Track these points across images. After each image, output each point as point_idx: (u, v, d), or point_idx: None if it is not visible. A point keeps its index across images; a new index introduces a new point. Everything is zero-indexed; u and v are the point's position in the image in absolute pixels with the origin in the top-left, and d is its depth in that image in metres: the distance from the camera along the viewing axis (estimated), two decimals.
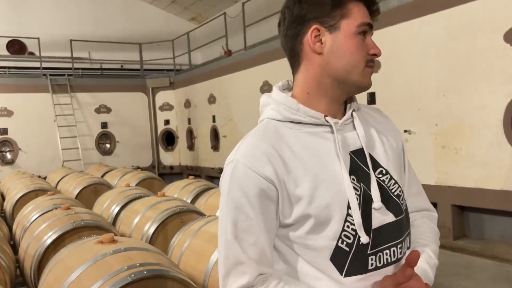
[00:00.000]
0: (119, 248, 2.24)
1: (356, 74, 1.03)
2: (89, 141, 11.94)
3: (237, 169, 0.98)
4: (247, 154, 0.99)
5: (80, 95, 11.90)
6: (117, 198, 4.74)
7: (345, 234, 0.98)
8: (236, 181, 0.97)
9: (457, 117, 5.50)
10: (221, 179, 1.03)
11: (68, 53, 12.23)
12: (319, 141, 1.03)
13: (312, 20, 1.03)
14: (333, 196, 0.98)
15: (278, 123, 1.06)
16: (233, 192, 0.98)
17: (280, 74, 8.36)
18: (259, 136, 1.03)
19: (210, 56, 12.39)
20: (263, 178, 0.96)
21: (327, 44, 1.03)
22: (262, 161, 0.97)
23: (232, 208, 0.97)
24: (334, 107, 1.08)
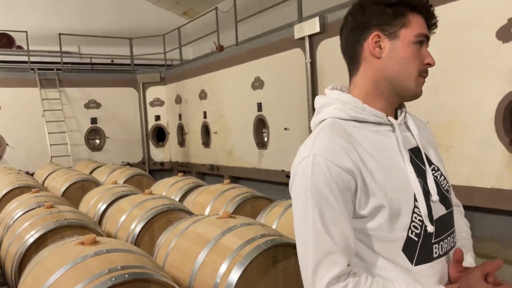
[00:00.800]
0: (101, 249, 2.16)
1: (409, 80, 1.14)
2: (78, 136, 11.78)
3: (318, 163, 1.03)
4: (325, 148, 1.04)
5: (69, 90, 11.72)
6: (103, 196, 4.65)
7: (413, 225, 1.07)
8: (318, 174, 1.02)
9: (449, 114, 5.46)
10: (296, 174, 1.06)
11: (57, 47, 12.04)
12: (382, 139, 1.12)
13: (373, 27, 1.13)
14: (402, 189, 1.08)
15: (343, 122, 1.12)
16: (316, 185, 1.01)
17: (272, 70, 8.32)
18: (331, 132, 1.09)
19: (202, 51, 12.28)
20: (344, 170, 1.02)
21: (385, 50, 1.13)
22: (341, 154, 1.03)
23: (317, 201, 1.01)
24: (389, 109, 1.17)
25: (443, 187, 1.19)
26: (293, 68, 7.70)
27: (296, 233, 1.06)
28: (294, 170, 1.08)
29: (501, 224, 5.18)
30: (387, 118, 1.14)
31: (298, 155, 1.08)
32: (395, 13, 1.12)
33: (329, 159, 1.02)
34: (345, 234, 1.02)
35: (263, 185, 8.81)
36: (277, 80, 8.25)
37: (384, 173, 1.06)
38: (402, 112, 1.21)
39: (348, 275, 1.01)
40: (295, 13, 7.92)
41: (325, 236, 1.01)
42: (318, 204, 1.01)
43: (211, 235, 2.49)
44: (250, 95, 9.02)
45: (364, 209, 1.04)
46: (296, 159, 1.08)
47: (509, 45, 4.75)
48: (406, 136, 1.17)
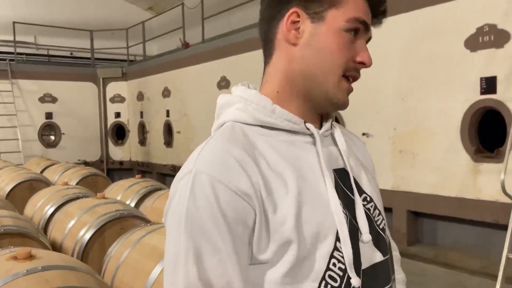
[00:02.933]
0: (36, 267, 1.87)
1: (328, 81, 0.81)
2: (31, 132, 11.12)
3: (200, 183, 0.70)
4: (214, 161, 0.72)
5: (22, 82, 11.05)
6: (52, 198, 4.28)
7: (330, 275, 0.74)
8: (199, 198, 0.70)
9: (415, 121, 5.43)
10: (173, 198, 0.74)
11: (10, 36, 11.32)
12: (298, 152, 0.80)
13: (293, 2, 0.81)
14: (319, 223, 0.74)
15: (246, 127, 0.80)
16: (195, 215, 0.69)
17: (239, 69, 8.10)
18: (226, 139, 0.76)
19: (166, 47, 11.89)
20: (238, 194, 0.70)
21: (304, 34, 0.81)
22: (235, 170, 0.71)
23: (194, 238, 0.69)
24: (309, 114, 0.84)
25: (378, 225, 0.85)
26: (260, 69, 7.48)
27: (164, 282, 0.73)
28: (172, 191, 0.75)
29: (464, 233, 5.19)
30: (305, 125, 0.82)
31: (179, 172, 0.76)
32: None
33: (216, 178, 0.70)
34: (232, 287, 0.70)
35: None
36: (244, 80, 7.94)
37: (296, 199, 0.73)
38: (328, 120, 0.88)
39: None
40: None
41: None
42: (195, 244, 0.69)
43: None
44: (216, 94, 8.65)
45: (264, 251, 0.71)
46: (176, 177, 0.76)
47: (477, 54, 4.75)
48: (331, 151, 0.85)
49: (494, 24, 4.58)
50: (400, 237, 5.56)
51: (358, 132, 6.04)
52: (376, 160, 4.32)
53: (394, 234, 5.65)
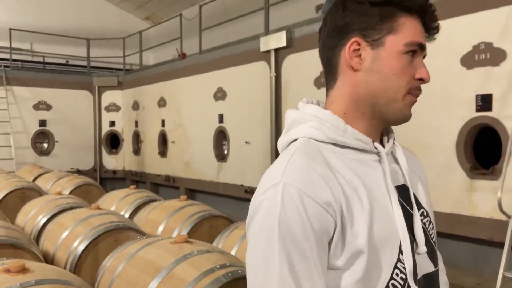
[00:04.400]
0: (29, 280, 1.82)
1: (396, 100, 0.90)
2: (24, 139, 11.01)
3: (289, 195, 0.78)
4: (301, 176, 0.80)
5: (17, 88, 10.98)
6: (44, 208, 4.21)
7: (393, 284, 0.84)
8: (291, 210, 0.77)
9: (411, 137, 5.44)
10: (258, 208, 0.81)
11: (6, 42, 11.27)
12: (366, 170, 0.88)
13: (354, 32, 0.90)
14: (387, 236, 0.84)
15: (320, 144, 0.88)
16: (288, 224, 0.77)
17: (236, 81, 8.11)
18: (307, 156, 0.84)
19: (163, 57, 11.90)
20: (323, 207, 0.79)
21: (366, 61, 0.90)
22: (321, 185, 0.80)
23: (287, 246, 0.76)
24: (373, 134, 0.93)
25: (432, 238, 0.95)
26: (257, 81, 7.53)
27: (251, 284, 0.79)
28: (255, 202, 0.81)
29: (459, 250, 5.18)
30: (374, 144, 0.90)
31: (262, 184, 0.82)
32: (382, 15, 0.88)
33: (305, 192, 0.77)
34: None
35: (221, 199, 8.51)
36: (240, 92, 8.05)
37: (369, 214, 0.82)
38: (390, 138, 0.96)
39: None
40: (261, 25, 7.79)
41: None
42: (288, 251, 0.76)
43: (163, 263, 2.20)
44: (212, 105, 8.75)
45: (339, 257, 0.80)
46: (259, 189, 0.82)
47: (473, 72, 4.80)
48: (393, 169, 0.92)
49: (490, 43, 4.64)
50: None
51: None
52: None
53: None
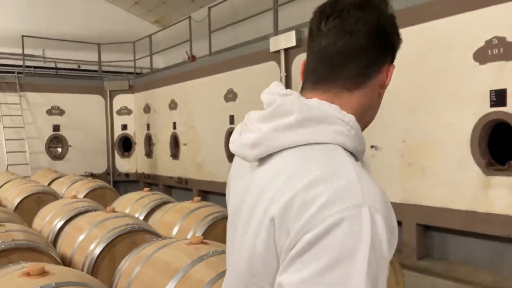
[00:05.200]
0: (49, 283, 1.85)
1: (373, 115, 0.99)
2: (39, 144, 11.16)
3: (376, 222, 0.72)
4: (382, 202, 0.76)
5: (30, 94, 11.13)
6: (60, 212, 4.26)
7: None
8: (381, 234, 0.72)
9: (425, 134, 5.40)
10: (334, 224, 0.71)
11: (19, 49, 11.44)
12: None
13: (393, 55, 0.95)
14: None
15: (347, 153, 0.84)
16: (373, 256, 0.71)
17: (246, 82, 8.12)
18: (367, 175, 0.80)
19: (173, 60, 11.97)
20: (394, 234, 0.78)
21: (385, 88, 0.95)
22: (391, 210, 0.78)
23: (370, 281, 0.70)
24: None
25: None
26: (267, 81, 7.46)
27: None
28: (329, 214, 0.71)
29: (474, 247, 5.12)
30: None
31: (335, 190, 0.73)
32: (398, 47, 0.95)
33: (386, 220, 0.74)
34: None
35: None
36: (250, 93, 8.05)
37: None
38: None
39: None
40: (270, 25, 7.79)
41: None
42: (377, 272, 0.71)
43: (179, 265, 2.21)
44: (223, 107, 8.77)
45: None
46: (331, 195, 0.73)
47: (486, 67, 4.74)
48: None
49: (503, 37, 4.58)
50: (410, 251, 5.50)
51: (366, 145, 6.01)
52: (384, 173, 4.37)
53: (404, 248, 5.58)
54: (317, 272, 0.69)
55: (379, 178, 5.93)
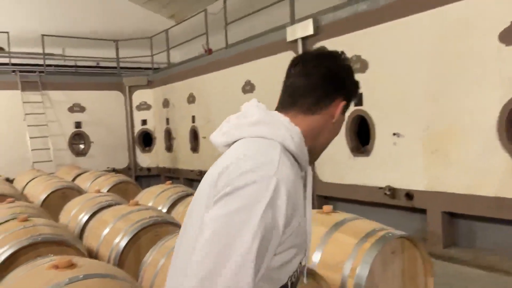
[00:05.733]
0: (77, 275, 1.86)
1: (321, 152, 1.20)
2: (62, 141, 11.37)
3: (279, 191, 0.95)
4: (288, 179, 0.98)
5: (52, 93, 11.32)
6: (85, 206, 4.32)
7: (294, 274, 1.06)
8: (280, 202, 0.94)
9: (449, 120, 5.27)
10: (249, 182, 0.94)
11: (40, 49, 11.63)
12: (298, 182, 1.06)
13: (346, 92, 1.18)
14: (304, 239, 1.06)
15: (286, 152, 1.06)
16: (272, 212, 0.93)
17: (263, 73, 8.06)
18: (291, 164, 1.05)
19: (190, 54, 11.98)
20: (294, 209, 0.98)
21: (337, 117, 1.17)
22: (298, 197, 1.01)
23: (262, 228, 0.90)
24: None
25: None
26: (285, 72, 7.46)
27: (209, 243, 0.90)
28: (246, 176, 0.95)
29: (503, 234, 4.99)
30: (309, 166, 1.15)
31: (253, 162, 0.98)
32: (356, 93, 1.21)
33: (291, 197, 0.96)
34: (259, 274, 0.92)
35: None
36: (268, 83, 8.00)
37: (300, 219, 1.02)
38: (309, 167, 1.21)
39: None
40: (286, 15, 7.70)
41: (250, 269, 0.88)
42: (262, 233, 0.91)
43: None
44: (241, 99, 8.75)
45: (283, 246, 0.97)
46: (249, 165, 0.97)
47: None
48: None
49: None
50: (436, 239, 5.40)
51: (388, 132, 5.92)
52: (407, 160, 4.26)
53: (429, 236, 5.48)
54: (226, 212, 0.92)
55: (402, 166, 5.85)
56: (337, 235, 2.51)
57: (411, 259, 2.54)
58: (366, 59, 6.16)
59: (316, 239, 2.52)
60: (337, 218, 2.67)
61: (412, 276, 2.56)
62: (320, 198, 7.21)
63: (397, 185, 5.86)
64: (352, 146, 6.59)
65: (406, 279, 2.53)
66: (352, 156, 6.58)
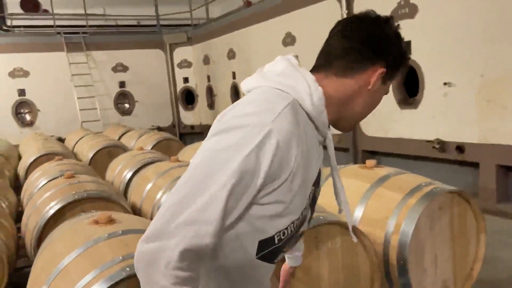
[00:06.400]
0: (116, 231, 1.88)
1: (355, 122, 1.17)
2: (107, 101, 11.66)
3: (269, 140, 0.94)
4: (285, 134, 0.96)
5: (96, 53, 11.52)
6: (129, 163, 4.41)
7: (283, 231, 1.04)
8: (265, 151, 0.93)
9: (505, 67, 4.84)
10: (244, 125, 0.96)
11: (82, 10, 11.75)
12: (313, 145, 1.07)
13: (386, 60, 1.11)
14: (301, 202, 1.05)
15: (300, 109, 1.04)
16: (256, 157, 0.93)
17: (304, 24, 7.73)
18: (297, 120, 1.00)
19: (229, 8, 11.69)
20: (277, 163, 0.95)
21: (375, 88, 1.11)
22: (292, 146, 0.97)
23: (241, 170, 0.91)
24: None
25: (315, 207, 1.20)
26: (327, 22, 7.08)
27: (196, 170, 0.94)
28: (243, 118, 0.97)
29: None
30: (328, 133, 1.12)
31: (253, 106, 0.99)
32: (404, 65, 1.15)
33: (281, 148, 0.94)
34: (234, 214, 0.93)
35: None
36: (310, 35, 7.68)
37: (301, 181, 1.01)
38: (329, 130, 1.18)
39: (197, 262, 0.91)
40: None
41: (221, 202, 0.90)
42: (242, 177, 0.91)
43: None
44: (281, 52, 8.44)
45: (267, 198, 0.97)
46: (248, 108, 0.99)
47: None
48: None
49: None
50: (489, 194, 5.13)
51: (439, 82, 5.55)
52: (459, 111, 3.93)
53: (481, 191, 5.22)
54: (216, 148, 0.95)
55: (453, 118, 5.51)
56: (381, 190, 2.39)
57: (461, 215, 2.39)
58: (415, 3, 5.72)
59: (359, 194, 2.41)
60: (381, 172, 2.54)
61: (462, 233, 2.42)
62: (365, 153, 7.01)
63: (447, 137, 5.56)
64: (399, 98, 6.27)
65: (456, 236, 2.39)
66: (398, 109, 6.28)
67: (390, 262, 2.23)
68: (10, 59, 10.74)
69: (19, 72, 10.84)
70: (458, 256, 2.41)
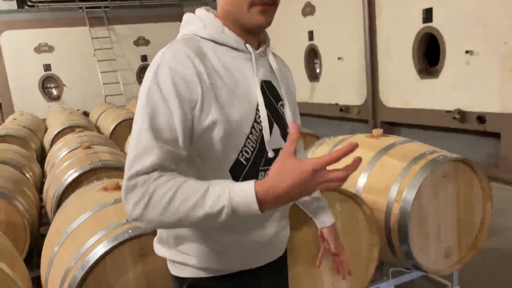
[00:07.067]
0: None
1: (242, 13, 1.09)
2: (130, 75, 11.83)
3: (162, 72, 1.01)
4: (173, 57, 1.03)
5: (117, 27, 11.63)
6: None
7: (245, 149, 1.09)
8: (161, 80, 1.00)
9: None
10: (145, 80, 1.04)
11: None
12: (238, 64, 1.11)
13: None
14: (245, 113, 1.08)
15: (202, 40, 1.11)
16: (154, 90, 1.00)
17: None
18: (186, 44, 1.07)
19: None
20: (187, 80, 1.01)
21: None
22: (187, 65, 1.02)
23: (150, 103, 0.99)
24: (249, 39, 1.15)
25: (286, 122, 1.19)
26: None
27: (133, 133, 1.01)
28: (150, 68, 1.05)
29: None
30: (245, 45, 1.13)
31: (153, 62, 1.06)
32: None
33: (174, 69, 1.00)
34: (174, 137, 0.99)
35: (315, 120, 8.40)
36: (329, 5, 7.52)
37: (228, 93, 1.05)
38: (262, 45, 1.19)
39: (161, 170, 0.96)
40: None
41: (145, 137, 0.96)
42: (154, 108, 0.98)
43: None
44: (301, 22, 8.36)
45: (200, 123, 1.02)
46: (150, 67, 1.07)
47: None
48: (263, 67, 1.17)
49: None
50: (510, 165, 5.02)
51: (461, 50, 5.39)
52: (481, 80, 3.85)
53: (502, 162, 5.11)
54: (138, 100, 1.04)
55: (474, 87, 5.36)
56: (385, 158, 2.39)
57: (466, 184, 2.37)
58: None
59: (363, 163, 2.42)
60: (387, 141, 2.53)
61: (468, 202, 2.41)
62: (385, 124, 6.93)
63: (468, 108, 5.42)
64: (419, 68, 6.12)
65: (461, 204, 2.38)
66: (419, 79, 6.14)
67: (392, 229, 2.26)
68: (35, 34, 10.99)
69: (45, 47, 11.08)
70: (463, 224, 2.41)
